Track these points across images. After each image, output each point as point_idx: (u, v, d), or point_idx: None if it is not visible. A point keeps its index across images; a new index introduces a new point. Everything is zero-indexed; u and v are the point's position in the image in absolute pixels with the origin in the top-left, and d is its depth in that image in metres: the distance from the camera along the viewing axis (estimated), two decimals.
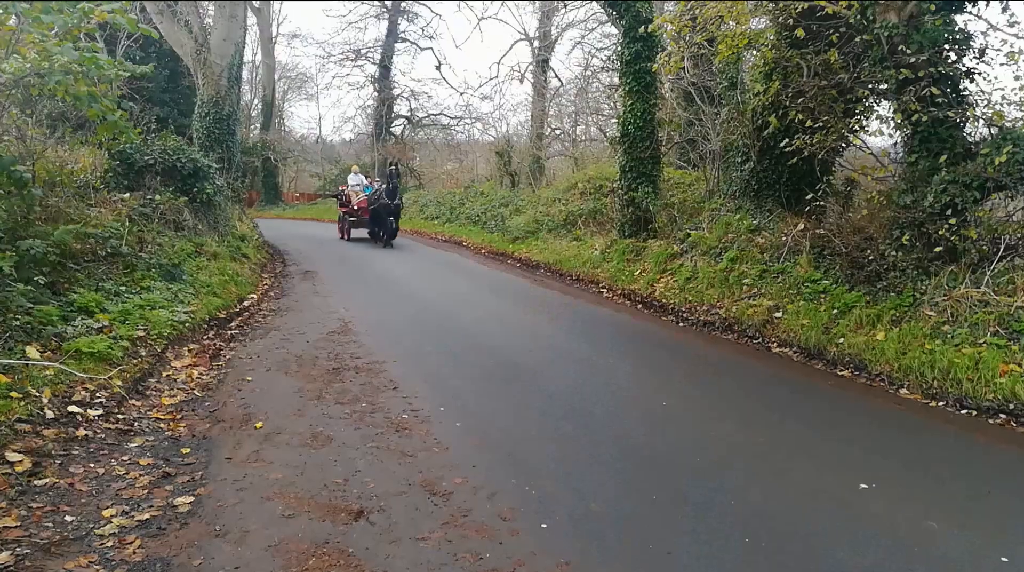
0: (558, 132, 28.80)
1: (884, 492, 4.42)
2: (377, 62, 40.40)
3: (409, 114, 41.31)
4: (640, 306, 11.07)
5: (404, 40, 40.59)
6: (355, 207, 22.09)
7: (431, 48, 52.58)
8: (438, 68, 57.34)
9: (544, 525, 4.02)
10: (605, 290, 12.35)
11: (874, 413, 6.09)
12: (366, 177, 24.52)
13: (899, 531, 3.94)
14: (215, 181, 13.43)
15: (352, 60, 40.97)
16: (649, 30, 11.42)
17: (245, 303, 10.72)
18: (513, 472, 4.74)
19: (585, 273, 13.61)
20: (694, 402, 6.40)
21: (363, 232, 22.45)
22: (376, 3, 39.96)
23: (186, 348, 7.75)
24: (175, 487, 4.47)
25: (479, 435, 5.49)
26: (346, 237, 22.60)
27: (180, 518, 4.06)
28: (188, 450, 5.09)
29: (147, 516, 4.05)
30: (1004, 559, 3.63)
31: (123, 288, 8.06)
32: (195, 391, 6.51)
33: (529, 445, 5.30)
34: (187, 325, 8.20)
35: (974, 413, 5.96)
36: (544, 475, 4.71)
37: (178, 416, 5.81)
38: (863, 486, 4.50)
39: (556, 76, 31.13)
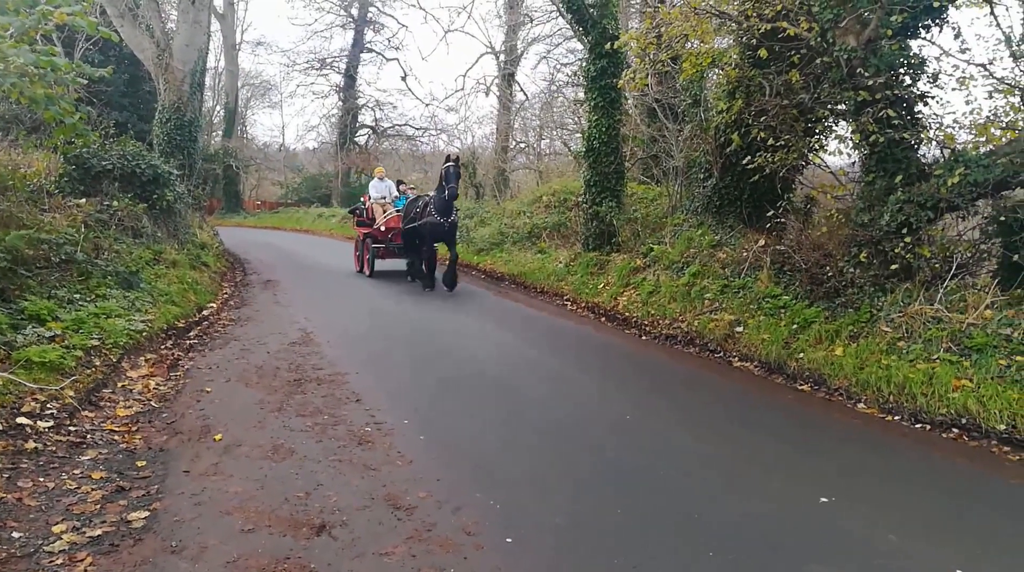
0: (523, 145, 28.93)
1: (844, 506, 4.48)
2: (342, 71, 40.26)
3: (374, 124, 41.17)
4: (604, 319, 11.13)
5: (370, 50, 40.55)
6: (382, 228, 15.65)
7: (397, 59, 52.23)
8: (404, 79, 57.06)
9: (509, 539, 4.00)
10: (569, 303, 12.39)
11: (833, 427, 6.19)
12: (399, 185, 17.27)
13: (859, 544, 4.00)
14: (175, 188, 13.22)
15: (317, 69, 40.79)
16: (615, 47, 11.54)
17: (205, 312, 10.53)
18: (478, 485, 4.71)
19: (550, 285, 13.64)
20: (658, 415, 6.44)
21: (388, 262, 16.45)
22: (342, 13, 39.82)
23: (143, 358, 7.58)
24: (129, 502, 4.35)
25: (443, 448, 5.45)
26: (367, 270, 15.89)
27: (134, 534, 3.94)
28: (144, 463, 4.96)
29: (99, 532, 3.93)
30: (959, 570, 3.70)
31: (77, 296, 7.85)
32: (152, 402, 6.37)
33: (494, 458, 5.27)
34: (144, 334, 8.01)
35: (928, 427, 6.08)
36: (509, 488, 4.68)
37: (134, 428, 5.66)
38: (823, 500, 4.56)
39: (522, 90, 31.34)
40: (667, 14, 9.82)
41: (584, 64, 14.17)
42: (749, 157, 9.98)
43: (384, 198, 16.41)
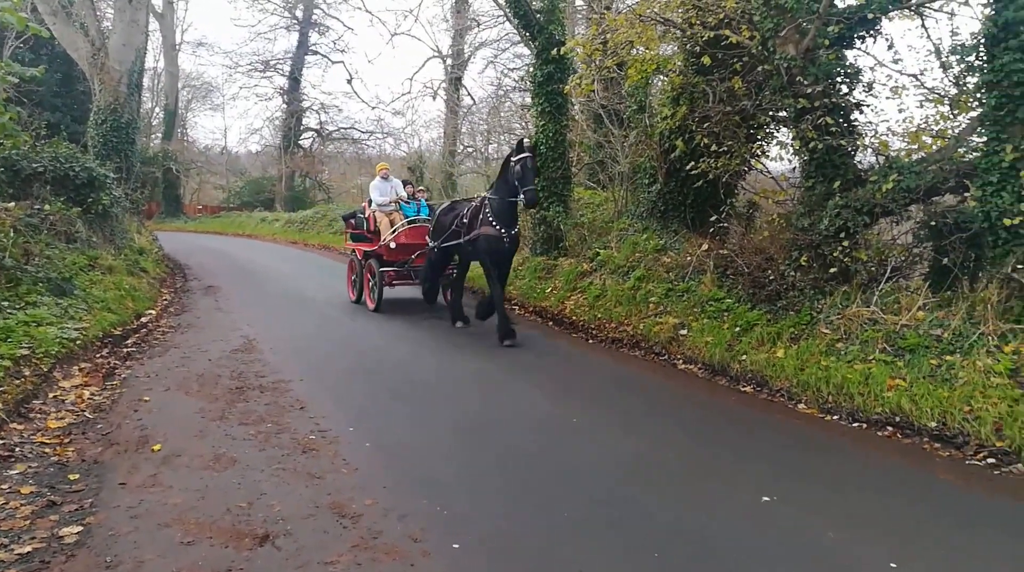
0: (470, 149, 28.95)
1: (785, 505, 4.57)
2: (287, 74, 39.64)
3: (319, 127, 40.65)
4: (551, 323, 11.17)
5: (315, 53, 40.03)
6: (391, 245, 11.63)
7: (343, 62, 51.90)
8: (349, 82, 56.76)
9: (456, 545, 3.97)
10: (517, 307, 12.40)
11: (774, 428, 6.31)
12: (408, 186, 13.05)
13: (799, 543, 4.08)
14: (112, 191, 12.85)
15: (261, 71, 40.10)
16: (561, 52, 11.61)
17: (143, 319, 10.23)
18: (424, 492, 4.67)
19: None
20: (604, 419, 6.47)
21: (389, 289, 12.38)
22: (287, 15, 39.26)
23: (76, 367, 7.32)
24: (61, 516, 4.18)
25: (389, 455, 5.39)
26: (369, 301, 12.10)
27: (66, 550, 3.79)
28: (77, 476, 4.78)
29: (28, 549, 3.77)
30: (893, 565, 3.80)
31: (5, 303, 7.55)
32: (86, 413, 6.15)
33: (441, 465, 5.23)
34: (78, 343, 7.74)
35: (865, 426, 6.25)
36: (456, 495, 4.65)
37: (66, 440, 5.46)
38: (765, 499, 4.65)
39: (469, 94, 31.37)
40: (613, 20, 9.92)
41: (531, 69, 14.22)
42: (693, 163, 10.14)
43: (391, 204, 12.24)
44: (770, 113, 9.56)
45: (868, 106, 8.42)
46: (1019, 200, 6.51)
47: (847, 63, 8.24)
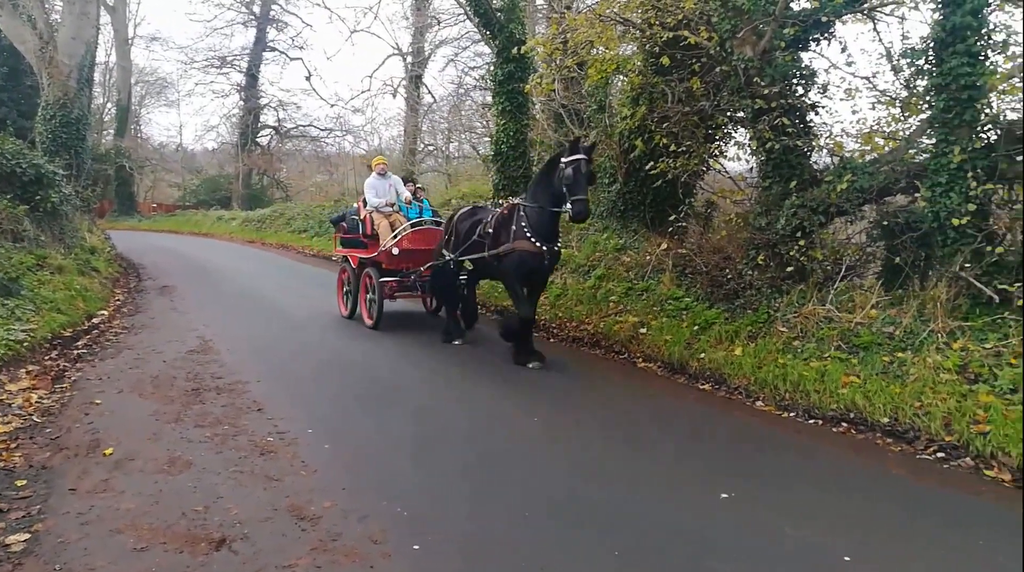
0: (431, 148, 28.84)
1: (743, 500, 4.63)
2: (244, 70, 39.02)
3: (277, 124, 40.08)
4: None
5: (273, 49, 39.48)
6: (394, 251, 10.03)
7: (301, 59, 51.17)
8: (308, 79, 55.96)
9: (416, 546, 3.93)
10: (479, 306, 12.35)
11: (732, 425, 6.39)
12: (409, 184, 11.50)
13: (757, 537, 4.14)
14: (61, 189, 12.51)
15: (217, 67, 39.43)
16: (522, 52, 11.62)
17: (95, 320, 9.97)
18: (384, 494, 4.62)
19: None
20: (563, 418, 6.48)
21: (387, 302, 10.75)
22: (244, 10, 38.64)
23: (24, 369, 7.10)
24: (8, 524, 4.05)
25: (349, 457, 5.33)
26: (367, 317, 10.52)
27: (13, 558, 3.68)
28: (24, 482, 4.64)
29: None
30: (847, 558, 3.88)
31: None
32: (34, 417, 5.96)
33: (401, 466, 5.18)
34: (25, 345, 7.52)
35: (820, 422, 6.36)
36: (417, 496, 4.62)
37: (12, 445, 5.29)
38: (724, 496, 4.70)
39: (429, 92, 31.22)
40: (573, 20, 9.95)
41: (492, 68, 14.23)
42: (652, 163, 10.21)
43: (384, 203, 10.65)
44: (728, 114, 9.68)
45: (823, 107, 8.60)
46: (966, 201, 6.67)
47: (803, 65, 8.38)
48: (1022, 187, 6.91)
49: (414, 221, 10.46)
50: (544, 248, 8.16)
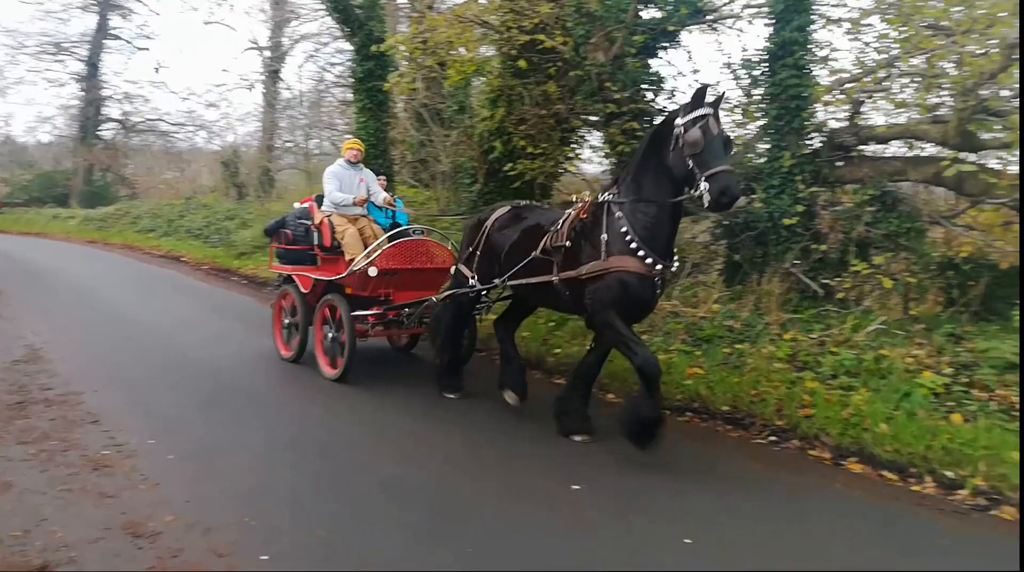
0: (290, 144, 27.93)
1: (592, 492, 4.76)
2: (84, 59, 36.18)
3: (123, 118, 37.43)
4: None
5: (117, 38, 36.77)
6: (371, 272, 6.89)
7: (148, 48, 48.10)
8: (157, 71, 52.77)
9: (265, 557, 3.77)
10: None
11: None
12: (381, 178, 8.68)
13: (601, 527, 4.27)
14: None
15: (52, 54, 36.23)
16: (381, 49, 11.47)
17: None
18: (233, 505, 4.40)
19: None
20: (426, 418, 6.39)
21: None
22: None
23: None
24: None
25: (195, 467, 5.03)
26: (326, 364, 7.46)
27: None
28: None
29: None
30: (688, 540, 4.07)
31: None
32: None
33: (253, 475, 4.95)
34: None
35: (667, 412, 6.61)
36: (269, 505, 4.43)
37: None
38: (575, 487, 4.81)
39: (288, 88, 30.17)
40: (433, 20, 9.93)
41: (352, 65, 13.96)
42: (511, 164, 10.36)
43: (350, 202, 7.54)
44: (582, 117, 9.98)
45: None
46: (795, 202, 7.22)
47: (652, 71, 8.78)
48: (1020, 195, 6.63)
49: (398, 229, 7.72)
50: (659, 267, 5.34)
